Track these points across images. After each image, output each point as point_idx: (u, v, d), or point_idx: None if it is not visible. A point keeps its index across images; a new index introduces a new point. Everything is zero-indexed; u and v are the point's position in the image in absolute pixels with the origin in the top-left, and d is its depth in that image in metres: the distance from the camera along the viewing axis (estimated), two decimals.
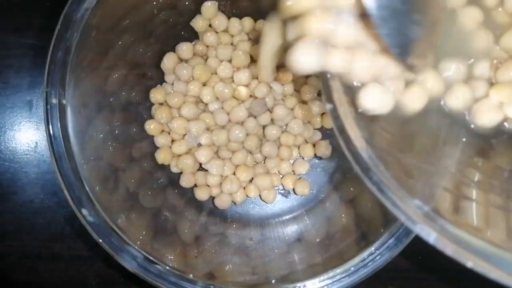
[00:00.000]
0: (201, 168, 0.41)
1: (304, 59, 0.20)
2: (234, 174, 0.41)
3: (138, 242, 0.32)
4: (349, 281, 0.31)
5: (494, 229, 0.19)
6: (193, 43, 0.41)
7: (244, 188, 0.41)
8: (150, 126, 0.40)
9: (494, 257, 0.17)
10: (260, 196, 0.41)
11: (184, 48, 0.40)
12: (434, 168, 0.22)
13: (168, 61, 0.40)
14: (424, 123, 0.22)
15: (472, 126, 0.22)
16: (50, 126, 0.30)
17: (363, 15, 0.20)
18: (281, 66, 0.36)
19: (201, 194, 0.40)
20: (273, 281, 0.34)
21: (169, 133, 0.41)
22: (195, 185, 0.41)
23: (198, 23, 0.40)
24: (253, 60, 0.40)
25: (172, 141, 0.41)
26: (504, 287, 0.17)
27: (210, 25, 0.41)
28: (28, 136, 0.43)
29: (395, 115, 0.21)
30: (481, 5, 0.23)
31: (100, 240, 0.30)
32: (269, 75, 0.34)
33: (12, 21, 0.44)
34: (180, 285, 0.31)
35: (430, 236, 0.18)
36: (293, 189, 0.42)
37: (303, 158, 0.42)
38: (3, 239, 0.42)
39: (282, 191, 0.42)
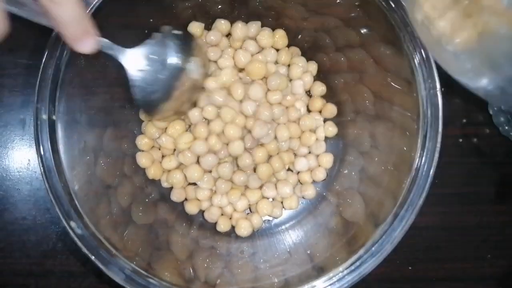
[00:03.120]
0: (191, 182, 0.41)
1: None
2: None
3: (127, 255, 0.32)
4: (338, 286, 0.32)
5: None
6: None
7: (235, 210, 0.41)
8: (141, 142, 0.40)
9: None
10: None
11: None
12: None
13: None
14: None
15: None
16: (40, 141, 0.30)
17: None
18: None
19: (191, 208, 0.41)
20: None
21: (159, 149, 0.41)
22: (186, 199, 0.41)
23: None
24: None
25: (162, 156, 0.41)
26: None
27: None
28: (21, 154, 0.43)
29: None
30: None
31: (89, 253, 0.31)
32: None
33: (7, 41, 0.44)
34: None
35: None
36: (282, 203, 0.42)
37: (292, 171, 0.43)
38: None
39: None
